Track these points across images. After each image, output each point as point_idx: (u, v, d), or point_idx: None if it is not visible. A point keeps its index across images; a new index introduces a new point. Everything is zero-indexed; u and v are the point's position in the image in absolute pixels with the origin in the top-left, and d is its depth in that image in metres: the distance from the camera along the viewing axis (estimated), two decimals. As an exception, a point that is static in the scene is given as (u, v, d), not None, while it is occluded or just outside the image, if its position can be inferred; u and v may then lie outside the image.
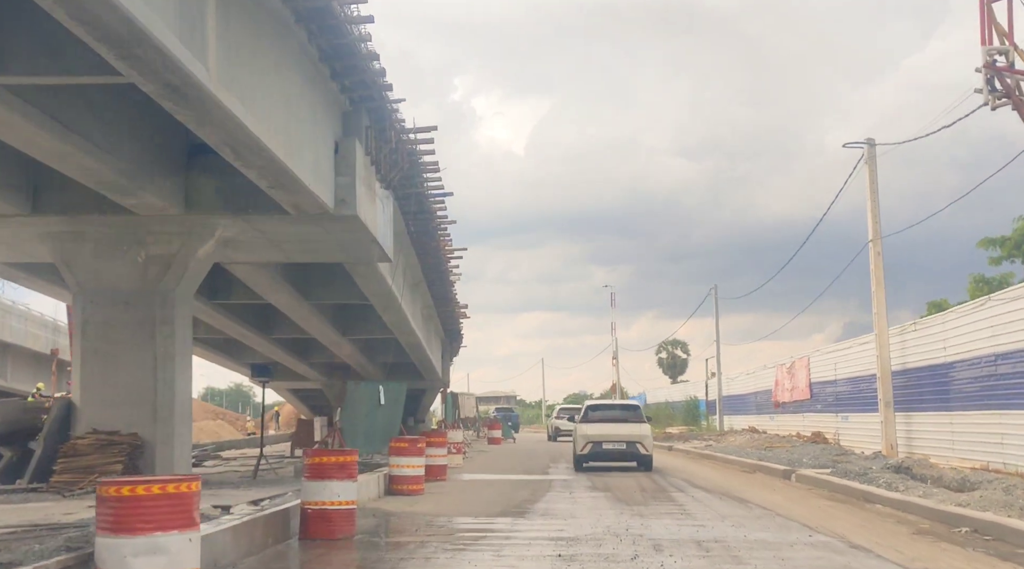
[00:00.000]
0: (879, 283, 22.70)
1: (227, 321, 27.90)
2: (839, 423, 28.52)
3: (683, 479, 19.00)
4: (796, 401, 33.76)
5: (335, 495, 10.05)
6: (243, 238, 18.10)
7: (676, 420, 55.54)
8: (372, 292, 23.65)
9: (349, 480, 10.20)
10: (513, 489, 16.77)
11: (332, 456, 10.14)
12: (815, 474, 17.55)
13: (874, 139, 23.16)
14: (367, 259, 19.94)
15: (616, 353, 70.46)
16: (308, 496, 10.15)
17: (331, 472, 10.08)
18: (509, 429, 45.47)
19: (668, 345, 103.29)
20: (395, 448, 15.63)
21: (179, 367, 17.58)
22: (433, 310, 37.22)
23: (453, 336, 46.41)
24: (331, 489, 10.04)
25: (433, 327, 39.44)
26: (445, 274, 31.93)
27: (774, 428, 36.64)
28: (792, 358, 35.00)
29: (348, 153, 16.37)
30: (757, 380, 41.68)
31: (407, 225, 24.85)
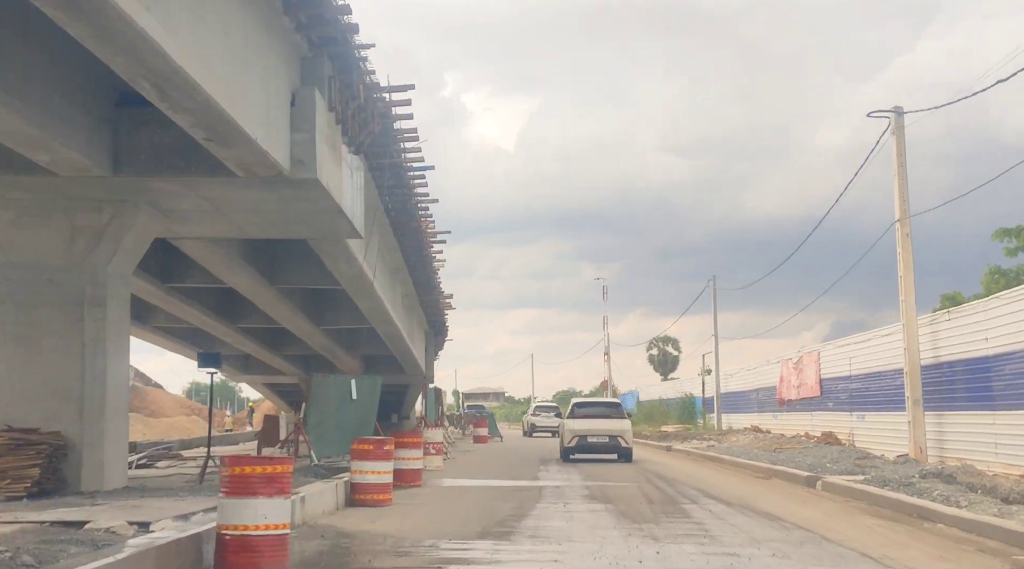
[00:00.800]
0: (907, 267, 20.38)
1: (185, 307, 25.45)
2: (854, 423, 26.22)
3: (693, 487, 16.65)
4: (804, 399, 31.46)
5: (261, 517, 7.65)
6: (187, 207, 15.67)
7: (671, 418, 53.22)
8: (343, 274, 21.24)
9: (280, 496, 7.80)
10: (497, 499, 14.38)
11: (258, 465, 7.73)
12: (845, 482, 15.22)
13: (902, 107, 20.88)
14: (333, 235, 17.52)
15: (608, 348, 68.18)
16: (226, 517, 7.74)
17: (256, 486, 7.68)
18: (497, 428, 43.10)
19: (659, 342, 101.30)
20: (358, 451, 13.23)
21: (112, 355, 15.17)
22: (415, 300, 34.80)
23: (438, 328, 43.96)
24: (256, 509, 7.65)
25: (416, 318, 37.01)
26: (427, 260, 29.52)
27: (778, 427, 34.34)
28: (800, 352, 32.70)
29: (306, 105, 13.95)
30: (759, 376, 39.38)
31: (383, 201, 22.43)
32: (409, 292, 33.53)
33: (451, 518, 11.89)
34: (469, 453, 30.32)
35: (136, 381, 65.83)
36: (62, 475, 14.17)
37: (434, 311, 38.56)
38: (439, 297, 35.94)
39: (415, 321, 36.91)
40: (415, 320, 36.78)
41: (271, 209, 15.85)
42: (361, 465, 13.09)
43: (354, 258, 19.56)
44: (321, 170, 14.21)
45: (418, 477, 16.49)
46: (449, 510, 12.80)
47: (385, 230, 24.35)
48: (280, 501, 7.79)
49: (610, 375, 67.91)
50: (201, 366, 16.96)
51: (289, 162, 13.69)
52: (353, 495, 13.07)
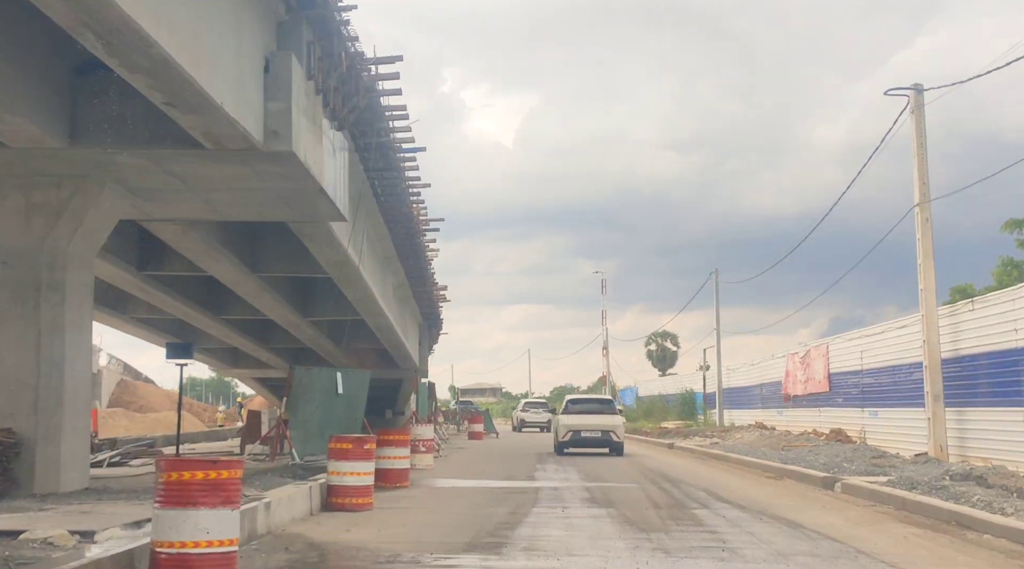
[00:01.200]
0: (927, 254, 19.18)
1: (165, 297, 24.21)
2: (866, 419, 25.04)
3: (701, 488, 15.45)
4: (811, 394, 30.28)
5: (202, 531, 6.44)
6: (156, 185, 14.44)
7: (671, 414, 52.01)
8: (327, 261, 20.01)
9: (226, 506, 6.58)
10: (489, 502, 13.18)
11: (199, 469, 6.52)
12: (867, 484, 14.03)
13: (921, 84, 19.66)
14: (315, 216, 16.29)
15: (606, 343, 66.99)
16: (161, 532, 6.53)
17: (198, 494, 6.47)
18: (492, 424, 41.89)
19: (658, 337, 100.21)
20: (336, 450, 12.00)
21: (72, 344, 13.96)
22: (408, 291, 33.59)
23: (432, 321, 42.77)
24: (196, 522, 6.44)
25: (409, 311, 35.81)
26: (419, 248, 28.31)
27: (784, 424, 33.16)
28: (806, 345, 31.51)
29: (282, 72, 12.73)
30: (762, 371, 38.19)
31: (371, 184, 21.21)
32: (401, 283, 32.31)
33: (437, 526, 10.69)
34: (463, 450, 29.13)
35: (126, 375, 64.57)
36: (13, 475, 12.97)
37: (428, 303, 37.36)
38: (433, 289, 34.74)
39: (408, 313, 35.71)
40: (408, 312, 35.58)
41: (247, 187, 14.63)
42: (339, 465, 11.87)
43: (339, 244, 18.34)
44: (298, 143, 13.00)
45: (405, 477, 15.28)
46: (436, 516, 11.59)
47: (374, 216, 23.14)
48: (226, 513, 6.58)
49: (608, 370, 66.76)
50: (170, 357, 15.74)
51: (262, 133, 12.49)
52: (330, 499, 11.87)
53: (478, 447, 31.70)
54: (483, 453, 27.54)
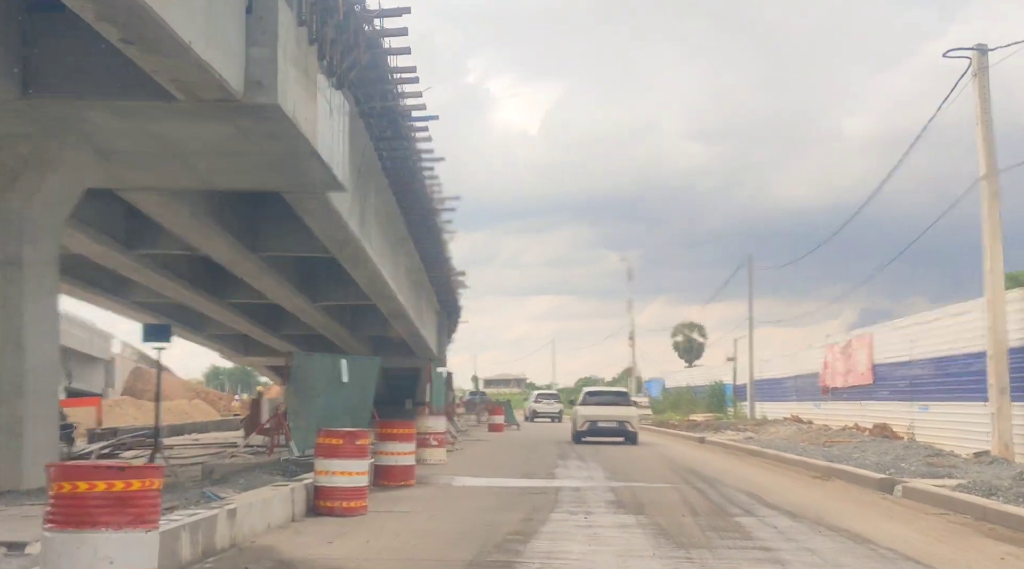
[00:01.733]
0: (993, 233, 17.30)
1: (160, 279, 22.71)
2: (914, 414, 23.17)
3: (741, 489, 13.71)
4: (853, 387, 28.40)
5: (104, 561, 4.82)
6: (128, 146, 12.86)
7: (699, 406, 50.17)
8: (329, 238, 18.38)
9: (138, 528, 4.95)
10: (502, 505, 11.51)
11: (101, 478, 4.88)
12: (934, 488, 12.25)
13: (985, 44, 17.77)
14: (310, 185, 14.64)
15: (632, 332, 65.22)
16: (50, 563, 4.91)
17: (98, 512, 4.84)
18: (514, 416, 40.23)
19: (684, 328, 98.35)
20: (324, 446, 10.36)
21: (33, 324, 12.45)
22: (423, 275, 31.97)
23: (450, 309, 41.17)
24: (96, 548, 4.81)
25: (425, 296, 34.18)
26: (435, 229, 26.71)
27: (821, 418, 31.30)
28: (848, 335, 29.61)
29: (267, 13, 11.10)
30: (797, 362, 36.29)
31: (379, 155, 19.60)
32: (416, 267, 30.68)
33: (437, 535, 9.04)
34: (481, 443, 27.50)
35: (141, 363, 63.45)
36: (-38, 470, 11.49)
37: (445, 289, 35.75)
38: (450, 273, 33.11)
39: (424, 299, 34.10)
40: (424, 298, 33.97)
41: (232, 151, 13.02)
42: (327, 464, 10.24)
43: (340, 218, 16.68)
44: (285, 96, 11.36)
45: (409, 475, 13.65)
46: (438, 522, 9.95)
47: (383, 192, 21.53)
48: (137, 536, 4.94)
49: (634, 359, 65.02)
50: (147, 339, 14.17)
51: (242, 83, 10.86)
52: (317, 502, 10.25)
53: (497, 440, 30.07)
54: (501, 447, 25.91)
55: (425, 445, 18.31)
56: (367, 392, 20.93)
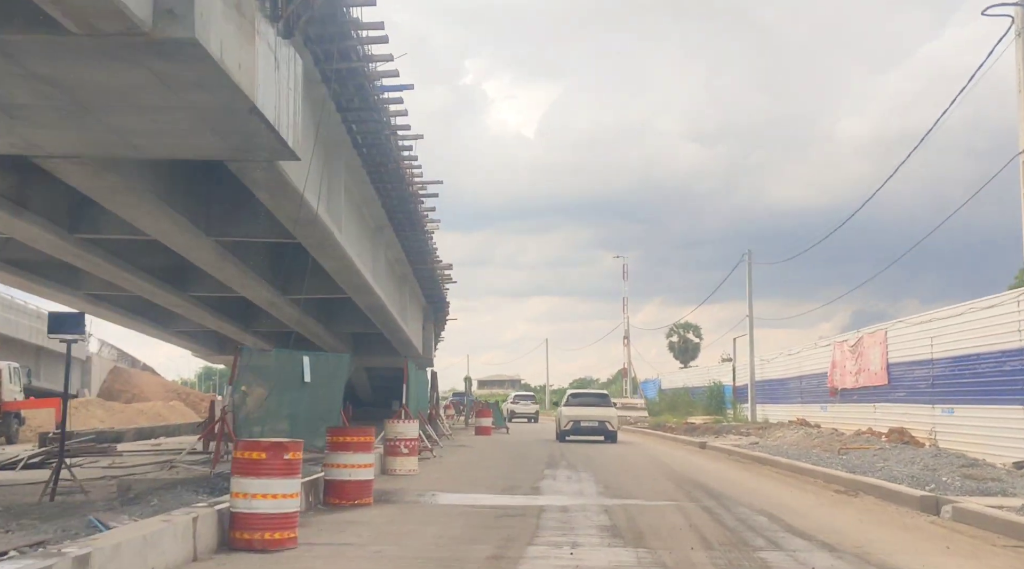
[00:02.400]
0: (1036, 213, 15.28)
1: (109, 267, 20.60)
2: (937, 417, 21.15)
3: (758, 509, 11.65)
4: (864, 387, 26.39)
5: None
6: (25, 97, 10.66)
7: (697, 408, 48.16)
8: (288, 218, 16.26)
9: None
10: (469, 534, 9.43)
11: None
12: (992, 510, 10.22)
13: (1029, 1, 15.73)
14: (255, 150, 12.52)
15: (627, 332, 63.22)
16: None
17: None
18: (503, 418, 38.12)
19: (680, 328, 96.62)
20: (243, 462, 8.27)
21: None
22: (407, 268, 29.91)
23: (437, 305, 39.08)
24: None
25: (409, 291, 32.13)
26: (416, 217, 24.61)
27: (829, 421, 29.29)
28: (859, 332, 27.57)
29: (183, -73, 9.04)
30: (802, 362, 34.27)
31: (348, 128, 17.52)
32: (398, 258, 28.63)
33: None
34: (463, 449, 25.42)
35: (121, 362, 61.28)
36: None
37: (430, 283, 33.67)
38: (435, 266, 31.02)
39: (408, 294, 32.05)
40: (408, 293, 31.93)
41: (156, 105, 10.88)
42: (246, 484, 8.15)
43: (297, 194, 14.59)
44: (206, 31, 9.25)
45: (366, 491, 11.57)
46: (383, 562, 7.86)
47: (356, 171, 19.46)
48: None
49: (629, 360, 62.99)
50: (52, 331, 12.04)
51: (150, 10, 8.77)
52: (232, 532, 8.16)
53: (482, 445, 27.99)
54: (485, 452, 23.84)
55: (395, 453, 16.26)
56: (335, 393, 18.85)
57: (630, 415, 52.92)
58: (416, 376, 27.06)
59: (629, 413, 54.12)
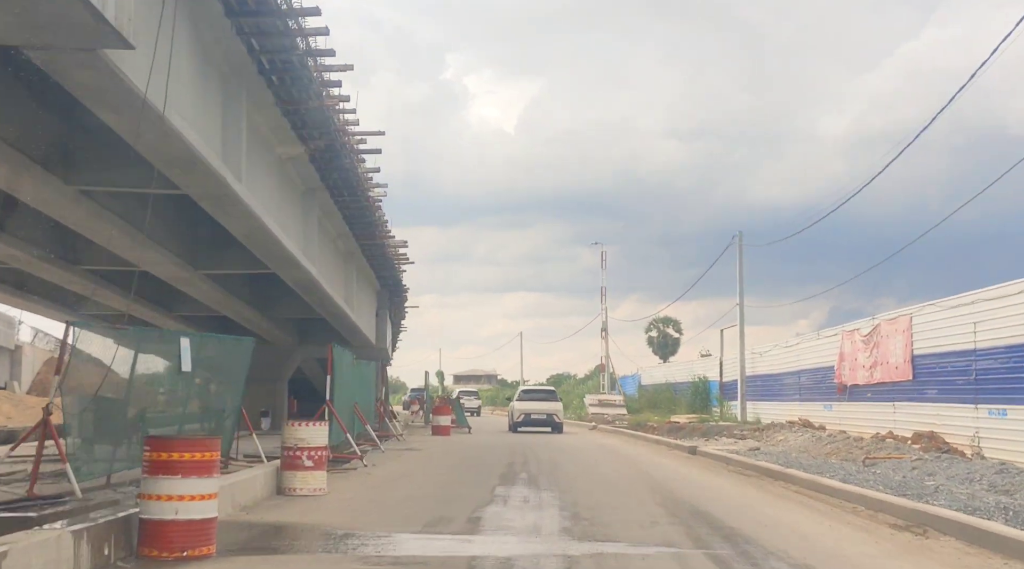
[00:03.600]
0: None
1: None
2: (982, 420, 17.38)
3: (799, 564, 7.71)
4: (881, 384, 22.61)
5: None
6: None
7: (681, 406, 44.33)
8: (153, 149, 12.15)
9: None
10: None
11: None
12: None
13: None
14: (63, 32, 8.49)
15: (606, 324, 59.40)
16: None
17: None
18: (464, 416, 34.02)
19: (659, 323, 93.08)
20: None
21: None
22: (352, 243, 25.89)
23: (393, 289, 35.02)
24: None
25: (356, 270, 28.08)
26: (353, 175, 20.59)
27: (833, 422, 25.56)
28: (874, 319, 23.77)
29: None
30: (801, 355, 30.48)
31: (248, 47, 13.52)
32: (342, 232, 24.62)
33: None
34: (409, 453, 21.43)
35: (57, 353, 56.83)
36: None
37: (382, 263, 29.65)
38: (385, 240, 26.98)
39: (355, 274, 28.02)
40: (355, 273, 27.89)
41: None
42: None
43: (152, 110, 10.50)
44: None
45: (203, 536, 7.56)
46: None
47: (268, 108, 15.45)
48: None
49: (607, 353, 59.13)
50: None
51: None
52: None
53: (435, 447, 23.99)
54: (432, 459, 19.87)
55: (294, 466, 12.27)
56: (233, 388, 14.90)
57: (607, 412, 49.02)
58: (358, 368, 23.07)
59: (607, 410, 50.23)
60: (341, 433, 18.59)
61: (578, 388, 66.68)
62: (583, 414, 50.04)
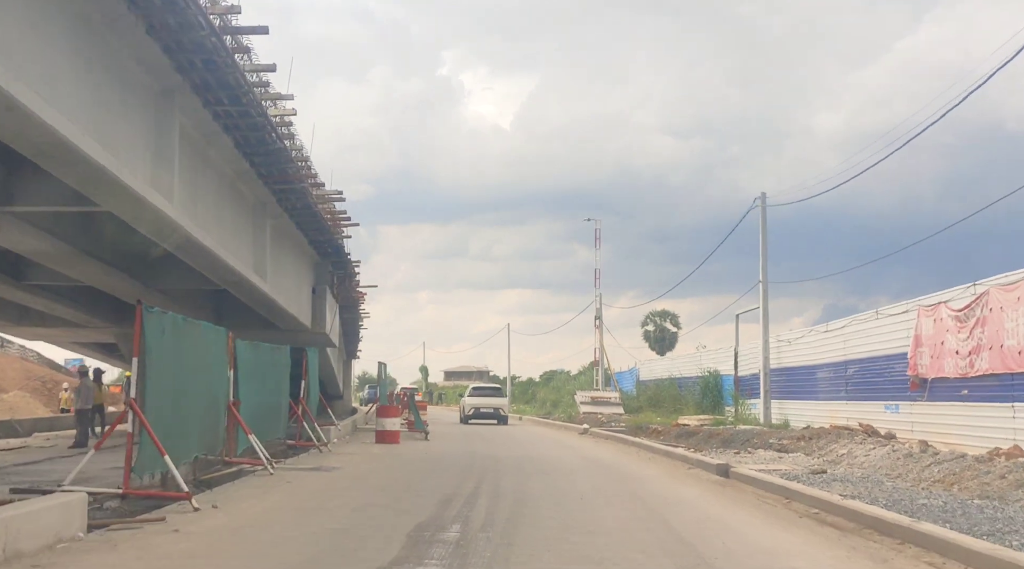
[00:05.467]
0: None
1: None
2: None
3: None
4: (989, 376, 16.09)
5: None
6: None
7: (688, 404, 37.73)
8: None
9: None
10: None
11: None
12: None
13: None
14: None
15: (600, 312, 52.84)
16: None
17: None
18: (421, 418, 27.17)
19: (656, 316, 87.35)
20: None
21: None
22: (259, 186, 19.24)
23: (336, 260, 28.18)
24: None
25: (271, 227, 21.36)
26: (235, 73, 13.96)
27: (903, 427, 19.10)
28: (973, 286, 17.18)
29: None
30: (849, 341, 23.97)
31: None
32: (239, 168, 17.99)
33: None
34: (313, 476, 14.73)
35: (-5, 347, 50.13)
36: None
37: (309, 220, 22.83)
38: (306, 184, 20.21)
39: (271, 232, 21.30)
40: (270, 230, 21.16)
41: None
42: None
43: None
44: None
45: None
46: None
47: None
48: None
49: (601, 344, 52.58)
50: None
51: None
52: None
53: (356, 466, 17.20)
54: (331, 489, 13.16)
55: None
56: None
57: (601, 412, 42.27)
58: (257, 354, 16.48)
59: (600, 409, 43.43)
60: (192, 450, 12.00)
61: (569, 385, 59.80)
62: (574, 414, 43.31)
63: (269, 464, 14.63)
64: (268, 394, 17.76)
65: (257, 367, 17.00)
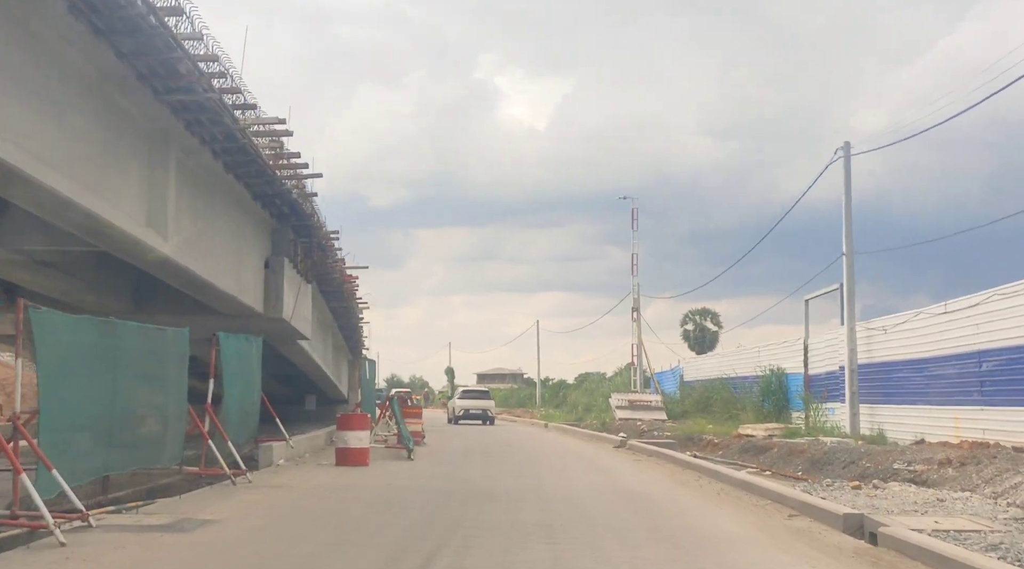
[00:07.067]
0: None
1: None
2: None
3: None
4: None
5: None
6: None
7: (745, 410, 31.30)
8: None
9: None
10: None
11: None
12: None
13: None
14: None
15: (637, 303, 46.50)
16: None
17: None
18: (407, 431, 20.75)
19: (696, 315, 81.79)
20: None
21: None
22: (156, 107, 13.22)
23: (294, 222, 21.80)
24: None
25: (178, 162, 15.24)
26: None
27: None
28: None
29: None
30: (982, 326, 17.56)
31: None
32: (104, 66, 11.96)
33: None
34: (168, 542, 8.63)
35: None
36: None
37: (243, 161, 16.64)
38: (216, 95, 14.02)
39: (178, 172, 15.19)
40: (176, 169, 15.03)
41: None
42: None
43: None
44: None
45: None
46: None
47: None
48: None
49: (640, 338, 46.17)
50: None
51: None
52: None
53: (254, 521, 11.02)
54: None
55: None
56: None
57: (641, 418, 35.54)
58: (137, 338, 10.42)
59: (639, 414, 36.62)
60: None
61: (603, 387, 53.20)
62: (608, 421, 36.86)
63: (68, 521, 8.49)
64: (139, 398, 11.68)
65: (117, 357, 10.93)
